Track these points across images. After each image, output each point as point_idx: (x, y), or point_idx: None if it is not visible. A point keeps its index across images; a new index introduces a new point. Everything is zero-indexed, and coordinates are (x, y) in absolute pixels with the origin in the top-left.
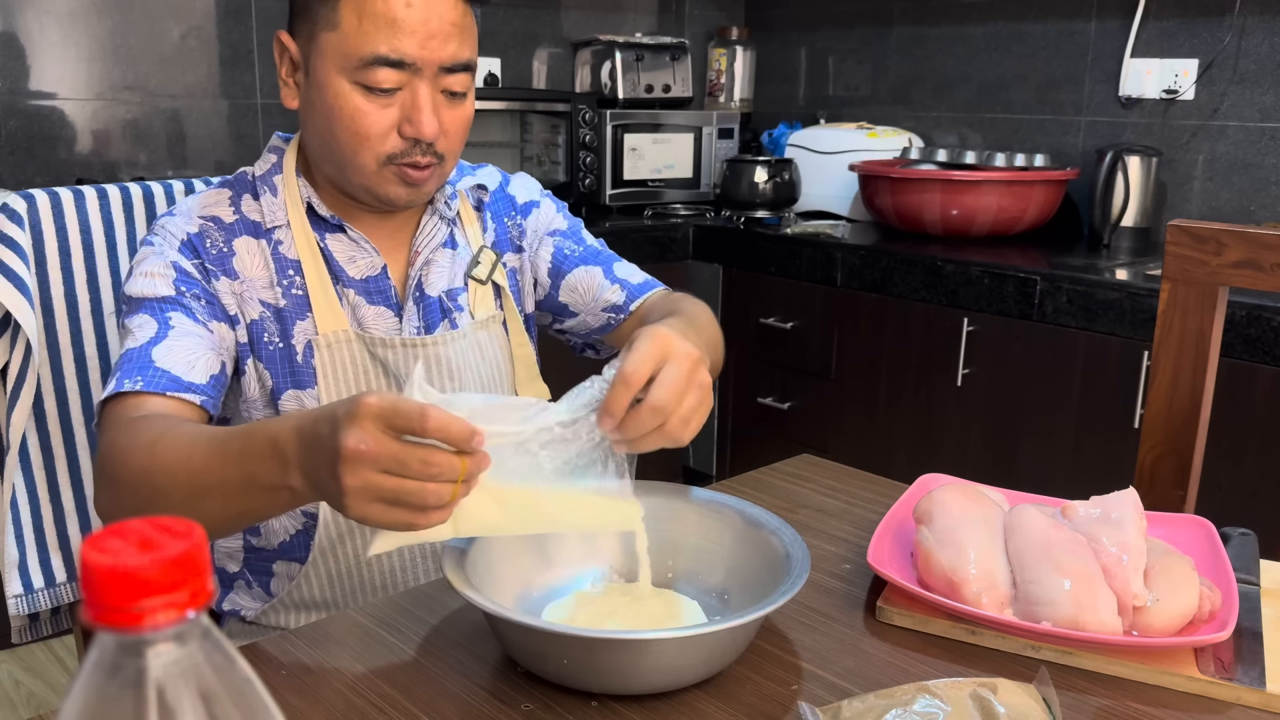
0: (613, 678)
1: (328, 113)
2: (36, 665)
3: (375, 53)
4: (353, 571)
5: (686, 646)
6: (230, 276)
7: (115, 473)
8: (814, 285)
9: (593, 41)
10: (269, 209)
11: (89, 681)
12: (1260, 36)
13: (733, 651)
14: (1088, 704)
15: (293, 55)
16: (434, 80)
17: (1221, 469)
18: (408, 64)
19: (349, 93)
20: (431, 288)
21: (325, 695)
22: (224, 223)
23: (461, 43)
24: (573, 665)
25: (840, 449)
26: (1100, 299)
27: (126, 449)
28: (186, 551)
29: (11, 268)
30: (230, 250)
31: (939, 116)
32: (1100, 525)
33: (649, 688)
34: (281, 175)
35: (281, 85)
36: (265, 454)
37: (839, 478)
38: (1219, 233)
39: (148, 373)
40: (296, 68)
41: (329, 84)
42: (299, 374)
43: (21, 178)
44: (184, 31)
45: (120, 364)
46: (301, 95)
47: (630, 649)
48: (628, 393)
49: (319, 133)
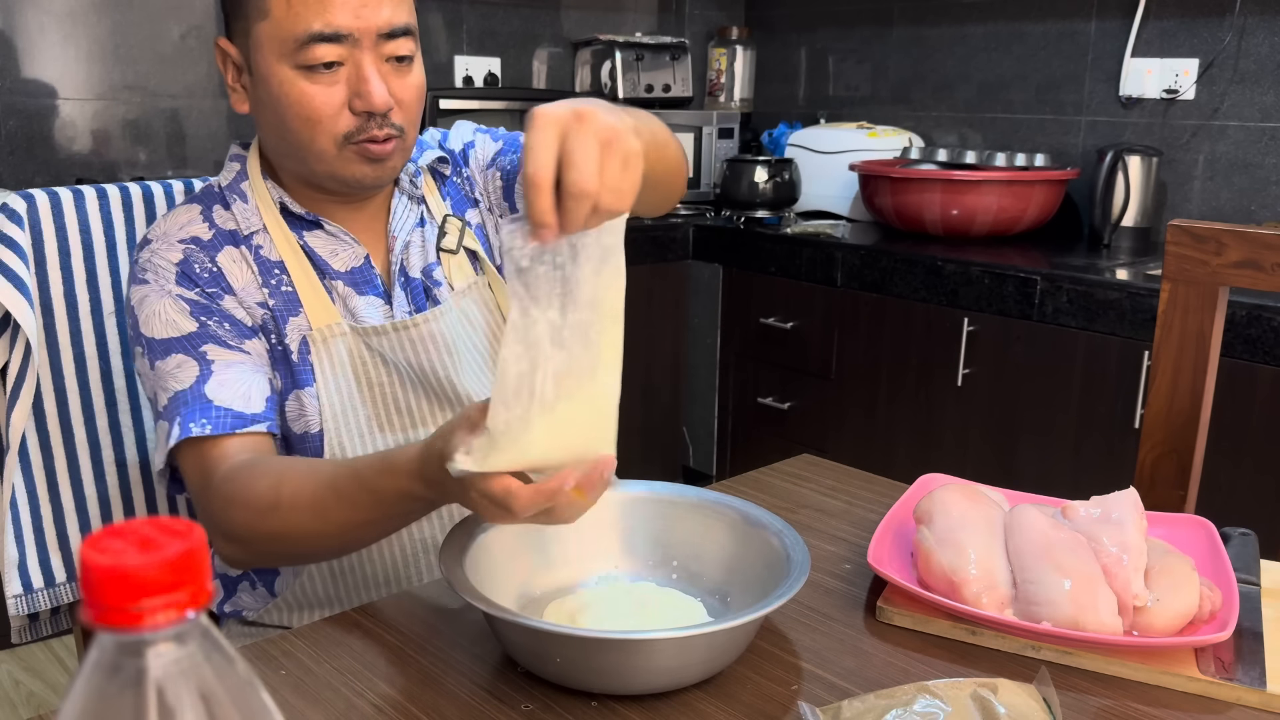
0: (612, 678)
1: (276, 104)
2: (36, 665)
3: (309, 30)
4: (355, 568)
5: (686, 647)
6: (229, 293)
7: (241, 527)
8: (814, 285)
9: (593, 41)
10: (242, 216)
11: (89, 681)
12: (1261, 36)
13: (732, 651)
14: (1088, 704)
15: (234, 59)
16: (375, 49)
17: (1222, 469)
18: (344, 35)
19: (293, 79)
20: (413, 269)
21: (325, 695)
22: (203, 241)
23: (397, 6)
24: (571, 665)
25: (840, 449)
26: (1100, 299)
27: (245, 507)
28: (186, 552)
29: (11, 268)
30: (217, 268)
31: (939, 116)
32: (1100, 525)
33: (649, 687)
34: (248, 181)
35: (230, 93)
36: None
37: (839, 478)
38: (1219, 233)
39: (211, 414)
40: (241, 70)
41: (272, 74)
42: (297, 373)
43: (21, 177)
44: (184, 31)
45: (174, 408)
46: (250, 96)
47: (629, 649)
48: (541, 194)
49: (273, 128)
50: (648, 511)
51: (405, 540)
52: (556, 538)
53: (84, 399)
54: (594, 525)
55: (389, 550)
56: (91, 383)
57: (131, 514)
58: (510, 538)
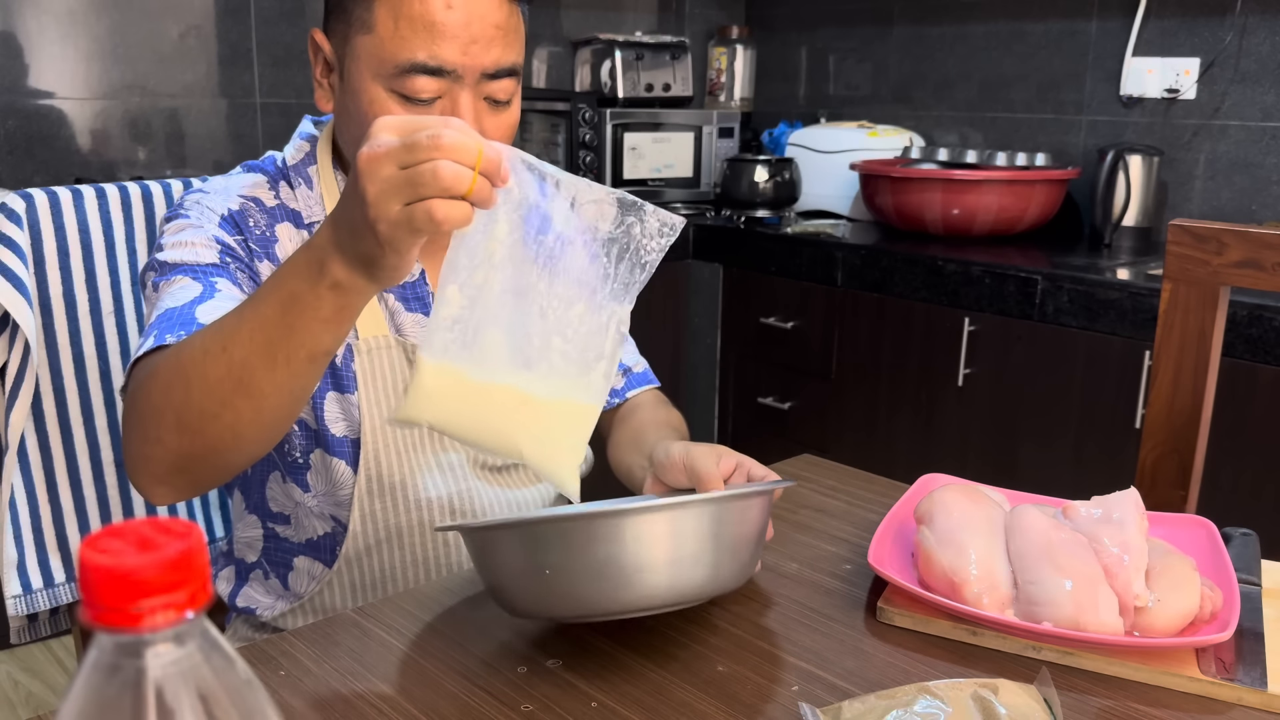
0: (602, 584)
1: (363, 120)
2: (35, 666)
3: (413, 59)
4: (377, 584)
5: (681, 523)
6: (273, 261)
7: (144, 396)
8: (814, 285)
9: (593, 40)
10: (304, 200)
11: (88, 682)
12: (1262, 36)
13: (739, 555)
14: (1089, 704)
15: (327, 55)
16: (476, 88)
17: (1223, 469)
18: (448, 71)
19: (384, 100)
20: None
21: (325, 695)
22: (265, 205)
23: (506, 46)
24: (558, 575)
25: (840, 449)
26: (1101, 299)
27: (152, 372)
28: (185, 552)
29: (10, 267)
30: (273, 235)
31: (940, 116)
32: (1101, 525)
33: (647, 599)
34: (316, 166)
35: (315, 86)
36: (300, 263)
37: (839, 478)
38: (1220, 232)
39: (192, 328)
40: (331, 69)
41: (364, 90)
42: (340, 377)
43: (20, 177)
44: (183, 30)
45: (158, 321)
46: (336, 99)
47: (616, 527)
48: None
49: (355, 140)
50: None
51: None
52: None
53: (83, 399)
54: None
55: (413, 572)
56: (91, 383)
57: (131, 514)
58: None
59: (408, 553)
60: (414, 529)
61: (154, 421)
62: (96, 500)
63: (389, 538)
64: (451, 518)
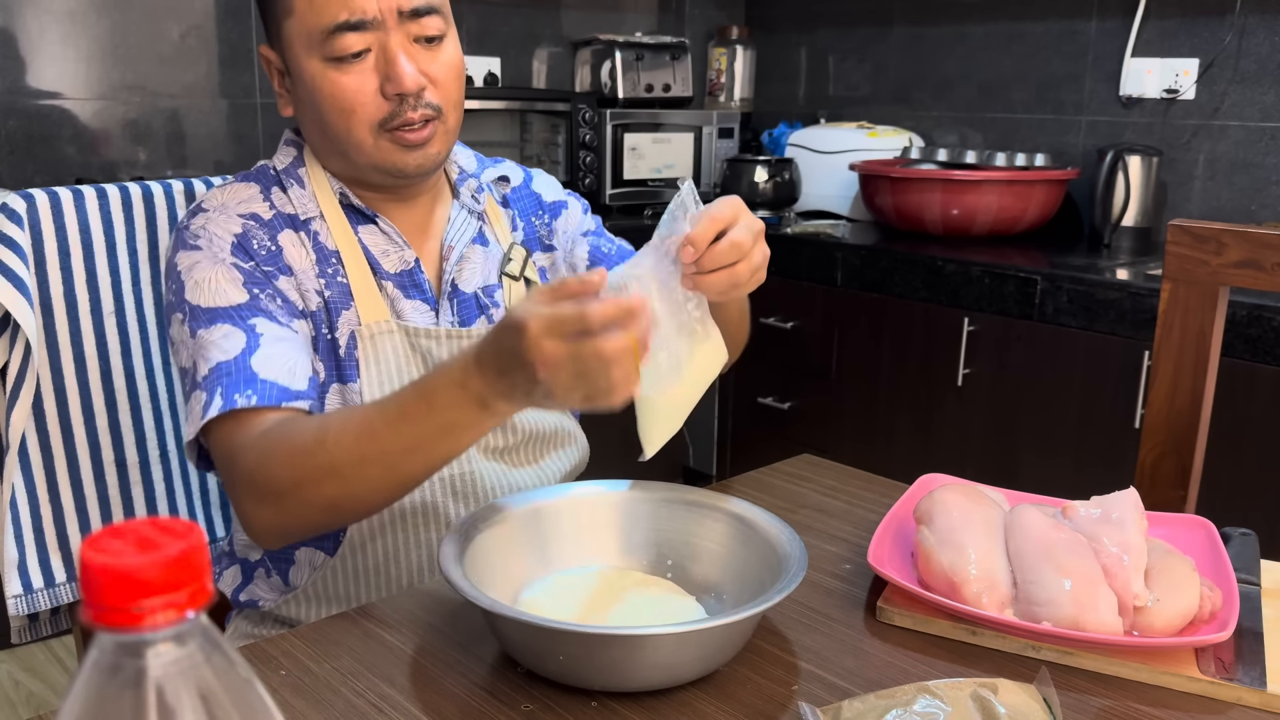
0: (610, 674)
1: (311, 99)
2: (36, 665)
3: (334, 20)
4: (379, 569)
5: (684, 642)
6: (286, 274)
7: (282, 475)
8: (814, 285)
9: (593, 41)
10: (299, 201)
11: (88, 682)
12: (1261, 36)
13: (730, 649)
14: (1088, 704)
15: (276, 64)
16: (401, 30)
17: (1222, 469)
18: (368, 21)
19: (323, 71)
20: (466, 284)
21: (325, 695)
22: (263, 219)
23: None
24: (570, 661)
25: (840, 449)
26: (1101, 299)
27: (289, 451)
28: (186, 551)
29: (11, 268)
30: (277, 247)
31: (939, 116)
32: (1101, 525)
33: (646, 684)
34: (305, 168)
35: (277, 98)
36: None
37: (839, 478)
38: (1219, 232)
39: (257, 385)
40: (284, 74)
41: (304, 70)
42: (343, 367)
43: (21, 177)
44: (183, 31)
45: (215, 379)
46: (292, 98)
47: (628, 645)
48: (713, 228)
49: (314, 125)
50: (644, 511)
51: (423, 546)
52: (554, 537)
53: (84, 399)
54: (590, 525)
55: (416, 554)
56: (91, 383)
57: (131, 514)
58: (507, 539)
59: (410, 536)
60: (417, 512)
61: (296, 500)
62: (97, 500)
63: (392, 521)
64: (455, 499)
